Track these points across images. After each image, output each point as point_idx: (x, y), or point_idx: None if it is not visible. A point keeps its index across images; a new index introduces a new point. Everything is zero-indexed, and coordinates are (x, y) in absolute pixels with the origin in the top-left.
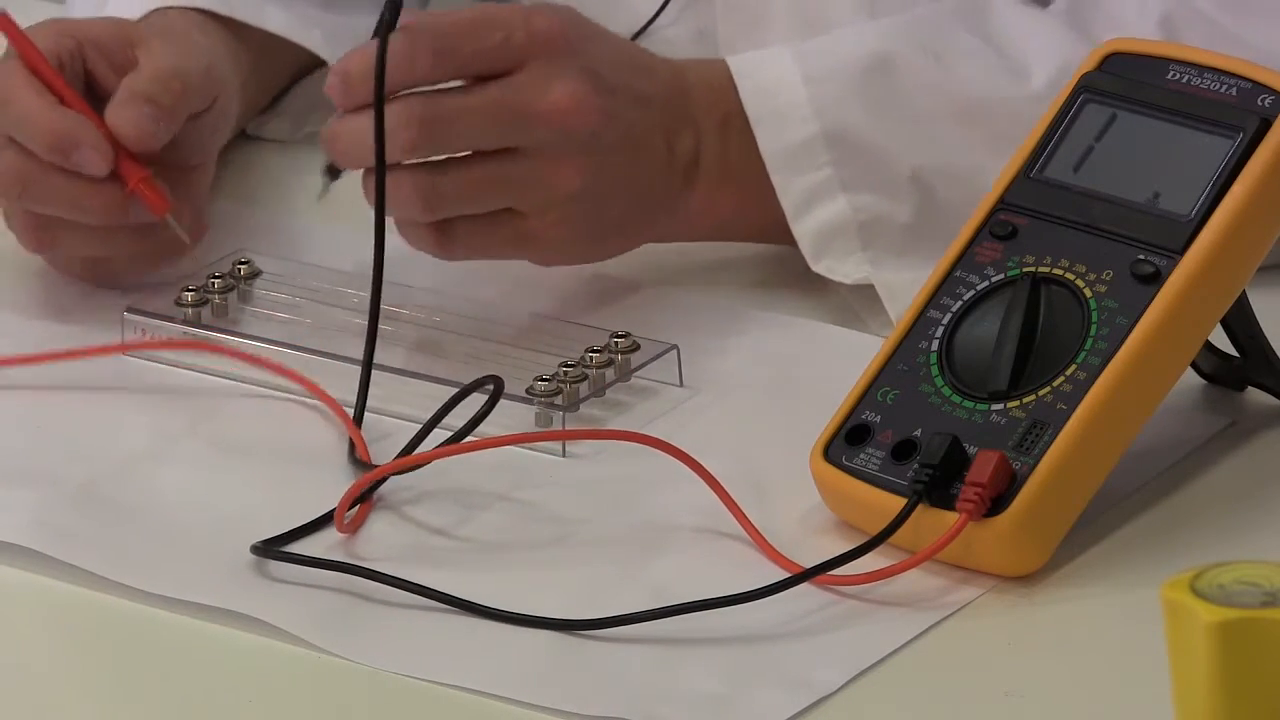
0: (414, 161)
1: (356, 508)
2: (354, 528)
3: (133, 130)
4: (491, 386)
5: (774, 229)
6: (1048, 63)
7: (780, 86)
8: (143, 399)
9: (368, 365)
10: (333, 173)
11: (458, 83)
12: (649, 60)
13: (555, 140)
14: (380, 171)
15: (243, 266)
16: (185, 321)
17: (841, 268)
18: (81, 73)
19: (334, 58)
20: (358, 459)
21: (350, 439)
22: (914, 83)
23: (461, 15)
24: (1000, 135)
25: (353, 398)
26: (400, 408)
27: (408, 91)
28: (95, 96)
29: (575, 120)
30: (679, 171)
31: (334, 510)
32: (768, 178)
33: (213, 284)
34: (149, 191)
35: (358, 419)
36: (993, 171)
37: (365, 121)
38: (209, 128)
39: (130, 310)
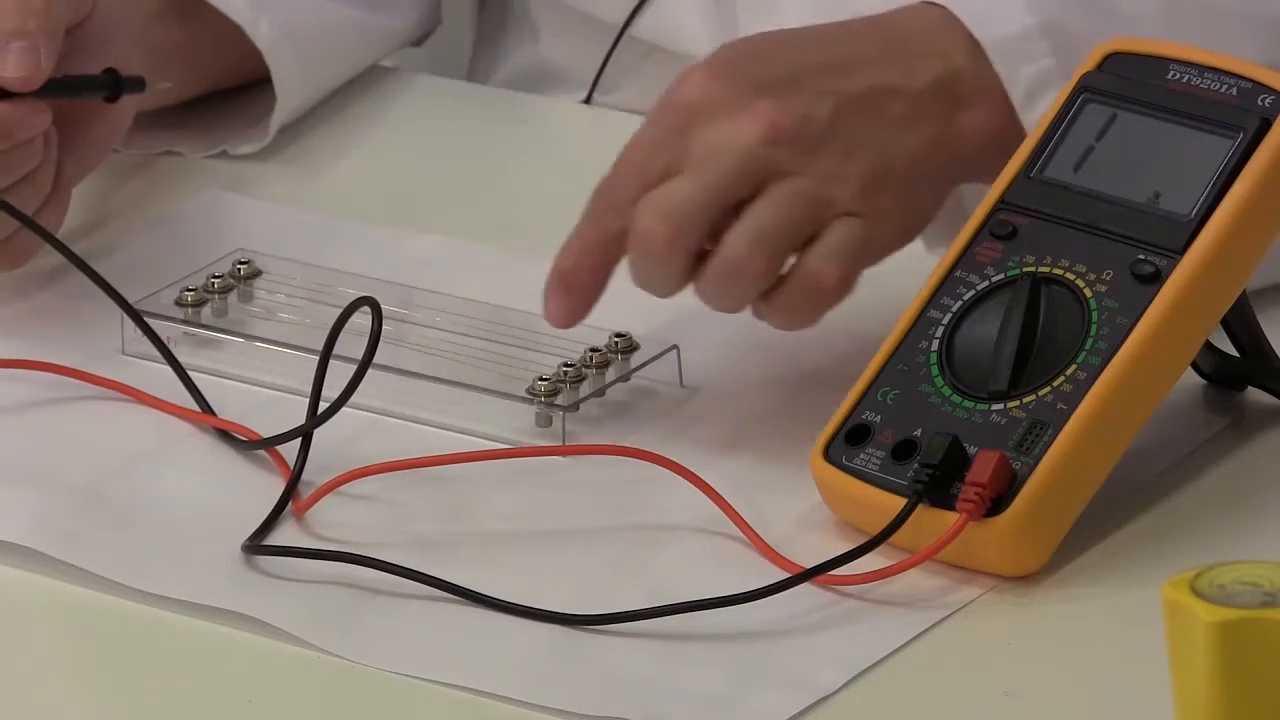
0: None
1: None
2: (309, 505)
3: (16, 73)
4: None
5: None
6: None
7: None
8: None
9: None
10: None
11: None
12: (829, 31)
13: (781, 155)
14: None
15: (243, 266)
16: (185, 321)
17: None
18: None
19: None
20: (239, 439)
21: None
22: None
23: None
24: (1201, 28)
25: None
26: (398, 406)
27: None
28: None
29: (776, 138)
30: (932, 98)
31: (286, 501)
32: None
33: (213, 284)
34: None
35: (204, 408)
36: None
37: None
38: (94, 37)
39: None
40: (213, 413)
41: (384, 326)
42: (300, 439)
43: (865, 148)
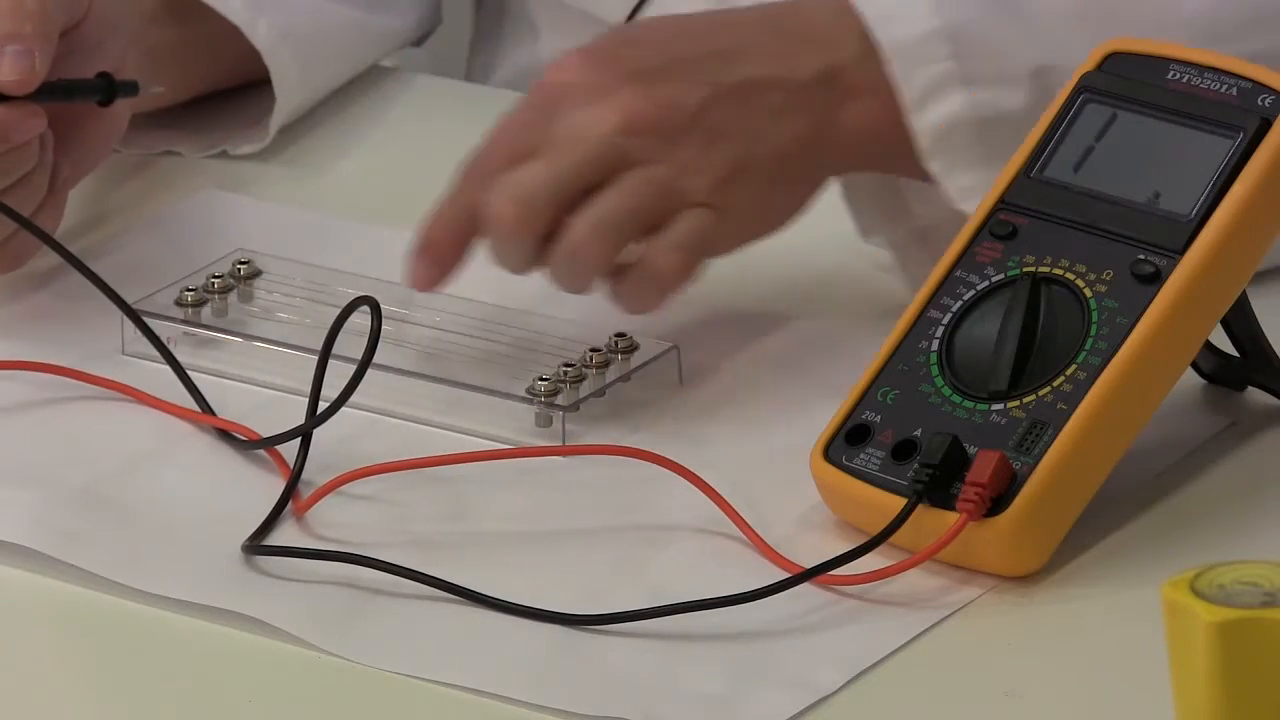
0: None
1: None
2: (309, 505)
3: (11, 76)
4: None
5: (911, 149)
6: None
7: None
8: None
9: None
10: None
11: None
12: (723, 19)
13: (637, 144)
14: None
15: (243, 266)
16: (185, 321)
17: (956, 171)
18: None
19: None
20: (239, 439)
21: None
22: None
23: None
24: (1116, 34)
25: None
26: (399, 406)
27: None
28: None
29: (637, 128)
30: (812, 91)
31: (286, 500)
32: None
33: (213, 284)
34: None
35: (204, 408)
36: None
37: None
38: (90, 38)
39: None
40: (212, 412)
41: (384, 326)
42: (300, 439)
43: (730, 139)
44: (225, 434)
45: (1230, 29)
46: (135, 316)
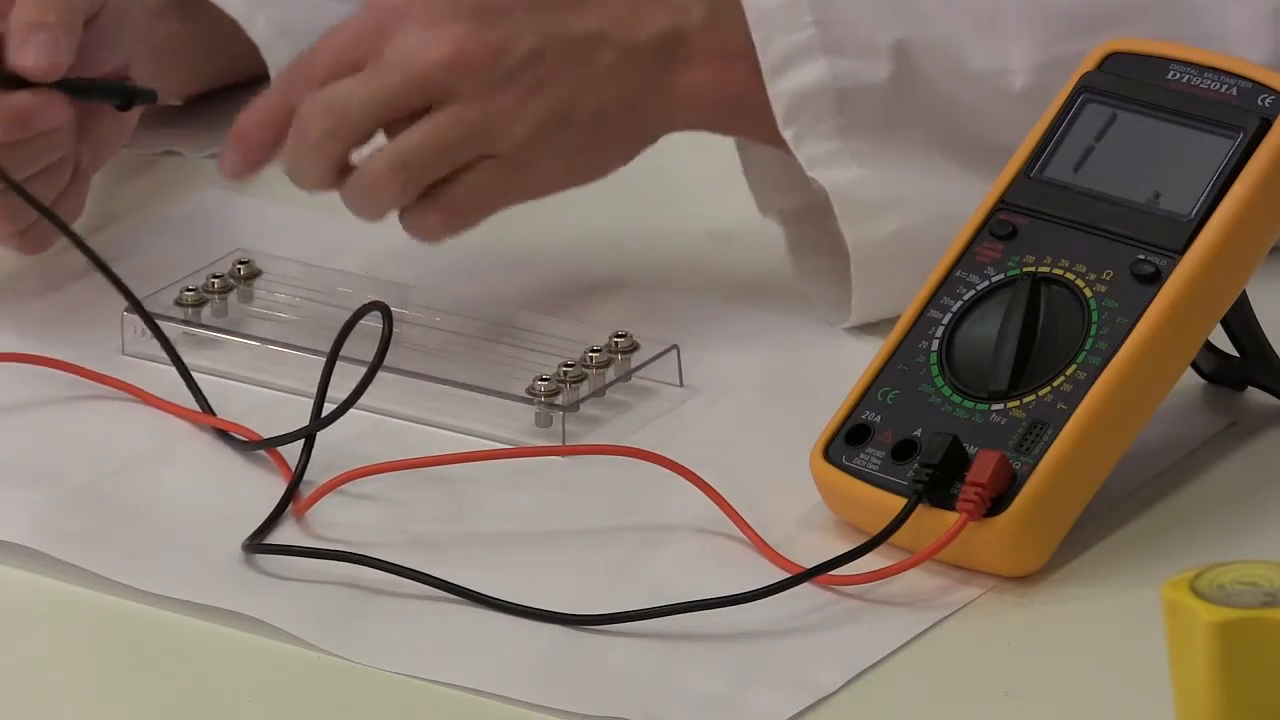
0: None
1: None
2: (309, 505)
3: (34, 63)
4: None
5: (766, 112)
6: None
7: None
8: (143, 399)
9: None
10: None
11: None
12: None
13: (462, 81)
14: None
15: (243, 266)
16: (185, 321)
17: (809, 139)
18: None
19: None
20: (239, 439)
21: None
22: None
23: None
24: (985, 13)
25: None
26: (398, 407)
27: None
28: None
29: (463, 63)
30: (652, 51)
31: (288, 501)
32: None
33: (213, 284)
34: None
35: (204, 408)
36: (974, 50)
37: (285, 157)
38: (106, 32)
39: (130, 310)
40: (213, 413)
41: (358, 315)
42: (303, 440)
43: (553, 92)
44: (226, 434)
45: (1100, 18)
46: (143, 313)
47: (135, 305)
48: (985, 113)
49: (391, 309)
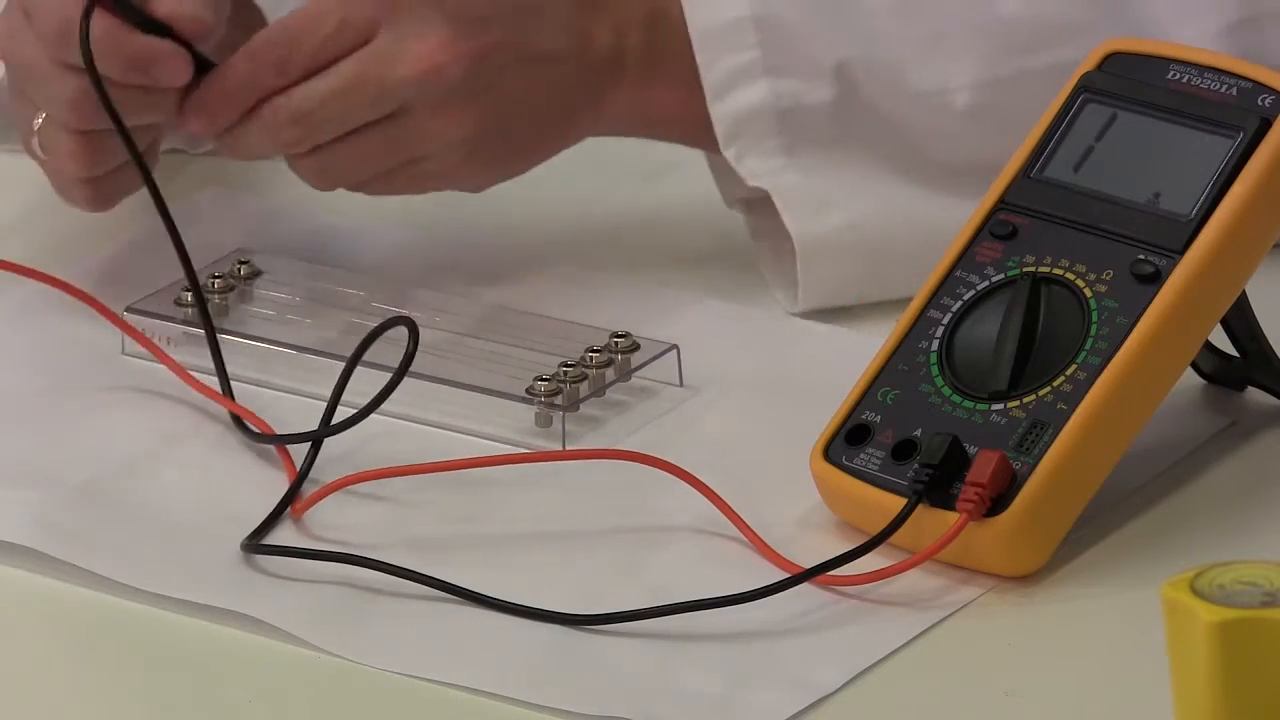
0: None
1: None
2: (307, 507)
3: (193, 23)
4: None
5: (700, 127)
6: None
7: None
8: (143, 399)
9: (211, 335)
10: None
11: None
12: None
13: (428, 96)
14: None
15: (243, 266)
16: (185, 321)
17: (751, 156)
18: None
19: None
20: (252, 430)
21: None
22: None
23: (304, 8)
24: (929, 31)
25: (350, 397)
26: (399, 407)
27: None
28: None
29: (442, 73)
30: (596, 69)
31: (288, 501)
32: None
33: (213, 284)
34: None
35: (226, 392)
36: (918, 70)
37: (239, 135)
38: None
39: (130, 310)
40: (232, 397)
41: (384, 327)
42: (310, 443)
43: (495, 105)
44: (240, 426)
45: (1044, 35)
46: (196, 286)
47: (193, 282)
48: (929, 131)
49: (390, 308)
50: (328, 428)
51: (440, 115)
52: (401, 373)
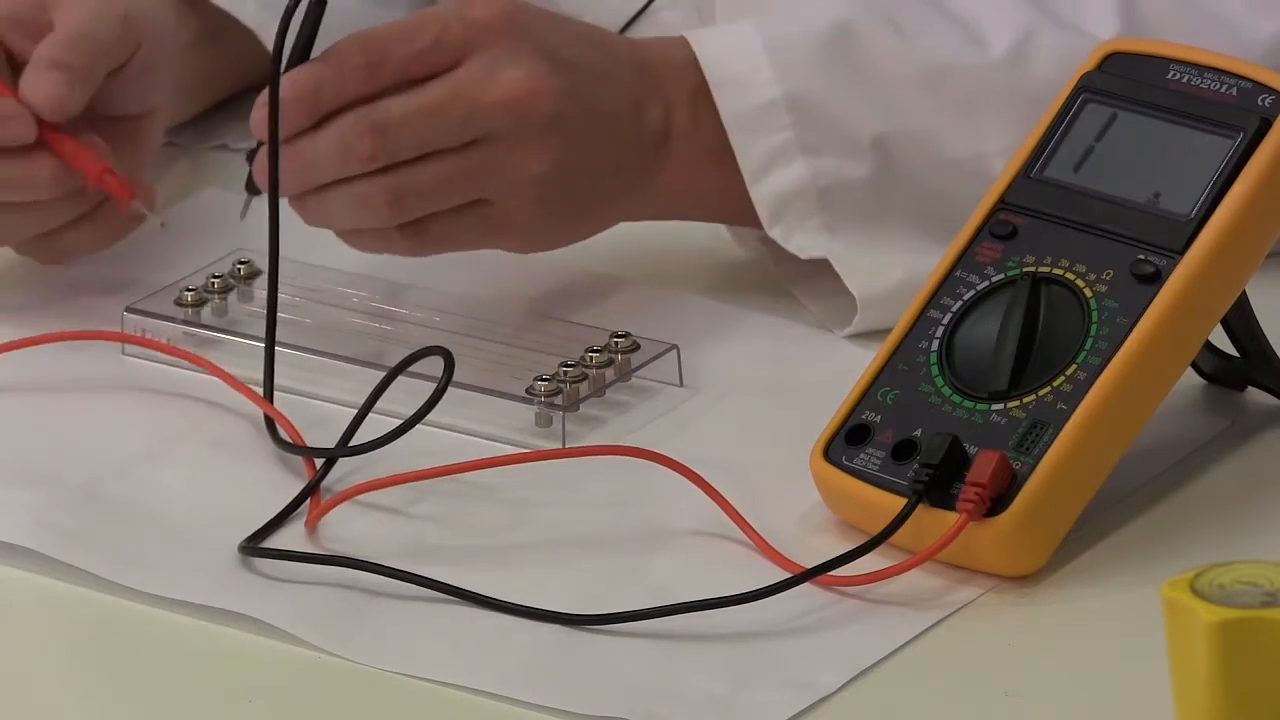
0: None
1: (309, 500)
2: (319, 516)
3: (44, 99)
4: (442, 359)
5: (743, 205)
6: (1005, 32)
7: (741, 53)
8: (143, 399)
9: (270, 343)
10: (253, 189)
11: None
12: (604, 36)
13: (515, 126)
14: (274, 159)
15: (243, 266)
16: (185, 321)
17: (796, 235)
18: (1, 53)
19: (262, 28)
20: (283, 439)
21: (268, 418)
22: (875, 50)
23: (395, 22)
24: (961, 101)
25: (349, 398)
26: (396, 407)
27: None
28: (16, 71)
29: (532, 104)
30: (649, 144)
31: (299, 501)
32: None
33: (213, 284)
34: (113, 181)
35: (268, 396)
36: (952, 139)
37: (307, 143)
38: (135, 78)
39: (130, 310)
40: (272, 400)
41: (383, 326)
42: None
43: (568, 155)
44: (271, 432)
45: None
46: (136, 316)
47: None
48: (967, 197)
49: (390, 308)
50: (351, 447)
51: (522, 148)
52: (433, 401)
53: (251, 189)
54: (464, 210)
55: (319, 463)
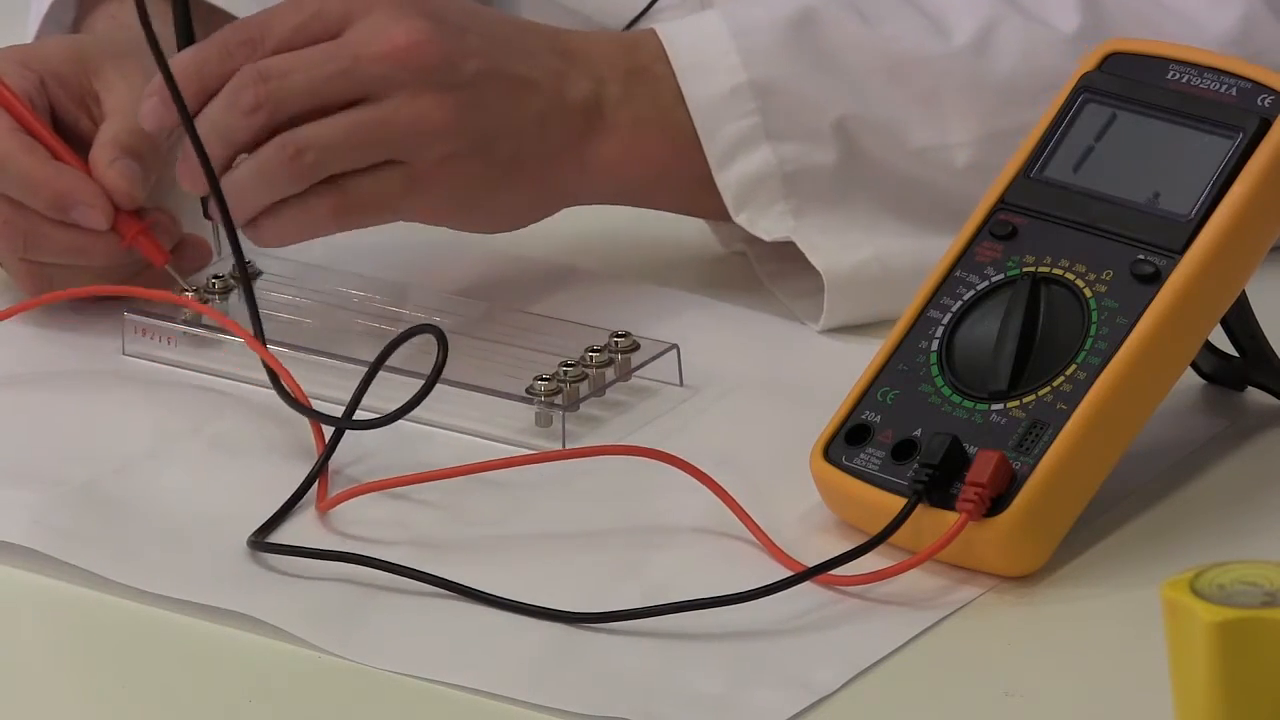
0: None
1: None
2: (334, 504)
3: (124, 189)
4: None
5: (695, 189)
6: (968, 22)
7: (708, 39)
8: (143, 399)
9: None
10: (207, 215)
11: None
12: (522, 20)
13: (401, 77)
14: (204, 162)
15: None
16: (185, 321)
17: (763, 220)
18: (48, 107)
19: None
20: (306, 407)
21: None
22: (840, 37)
23: (278, 4)
24: (925, 90)
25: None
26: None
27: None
28: (58, 128)
29: (413, 54)
30: (575, 113)
31: (308, 486)
32: (691, 132)
33: (213, 284)
34: (148, 244)
35: (258, 334)
36: (915, 128)
37: (200, 118)
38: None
39: (130, 310)
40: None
41: (384, 327)
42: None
43: (480, 118)
44: (276, 386)
45: (1042, 85)
46: (136, 316)
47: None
48: (932, 185)
49: (389, 308)
50: (356, 421)
51: (413, 100)
52: (433, 380)
53: (206, 215)
54: (380, 170)
55: (327, 439)
